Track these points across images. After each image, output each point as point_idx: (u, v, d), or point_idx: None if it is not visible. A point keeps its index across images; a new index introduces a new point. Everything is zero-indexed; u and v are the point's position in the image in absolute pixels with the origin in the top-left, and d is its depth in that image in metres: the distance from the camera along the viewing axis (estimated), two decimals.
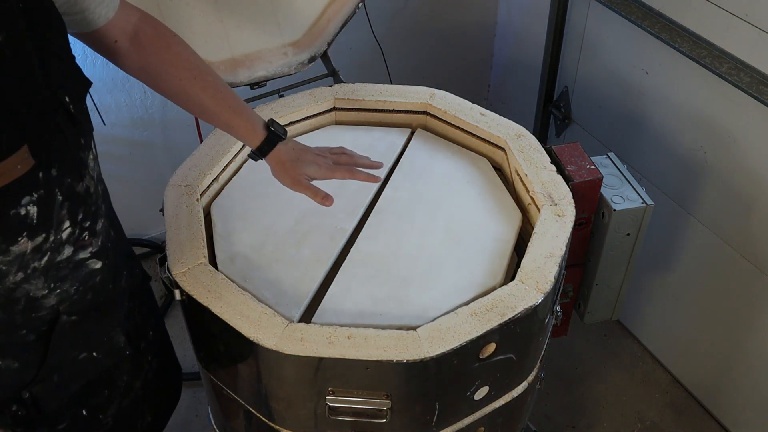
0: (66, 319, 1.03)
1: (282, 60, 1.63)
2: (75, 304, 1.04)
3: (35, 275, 0.95)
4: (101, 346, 1.13)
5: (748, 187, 1.67)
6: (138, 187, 2.28)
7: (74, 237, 0.98)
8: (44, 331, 1.02)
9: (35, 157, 0.87)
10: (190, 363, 2.17)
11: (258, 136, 1.21)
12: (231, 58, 1.58)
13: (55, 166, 0.91)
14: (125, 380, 1.21)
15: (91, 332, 1.10)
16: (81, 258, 1.02)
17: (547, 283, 1.17)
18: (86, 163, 0.99)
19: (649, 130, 1.93)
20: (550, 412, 2.05)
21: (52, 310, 1.01)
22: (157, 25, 1.14)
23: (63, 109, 0.92)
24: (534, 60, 2.31)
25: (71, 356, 1.08)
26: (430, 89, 1.56)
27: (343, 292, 1.22)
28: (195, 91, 1.15)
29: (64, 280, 1.00)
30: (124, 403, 1.21)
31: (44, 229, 0.93)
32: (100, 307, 1.10)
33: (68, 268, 1.00)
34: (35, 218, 0.90)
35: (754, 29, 1.52)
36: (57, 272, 0.98)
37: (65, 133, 0.93)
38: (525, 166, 1.38)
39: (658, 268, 2.04)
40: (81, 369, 1.11)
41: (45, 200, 0.91)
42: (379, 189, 1.43)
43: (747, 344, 1.84)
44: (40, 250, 0.93)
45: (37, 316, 1.00)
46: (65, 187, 0.94)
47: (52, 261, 0.97)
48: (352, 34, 2.15)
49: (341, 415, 1.17)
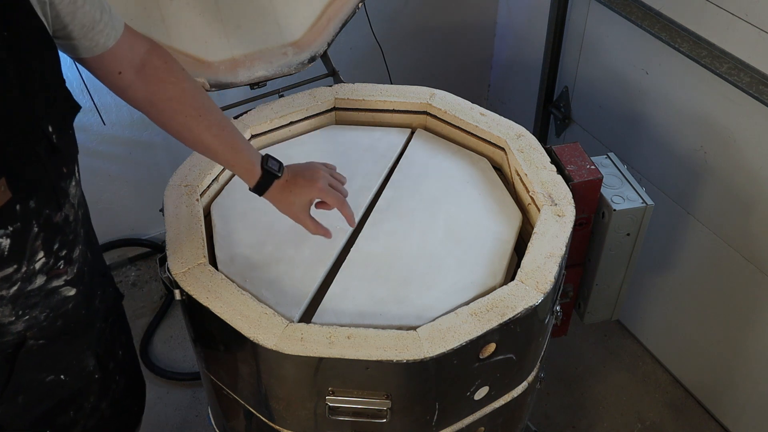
0: (33, 343, 1.01)
1: (282, 60, 1.63)
2: (44, 330, 1.02)
3: (2, 303, 0.93)
4: (70, 368, 1.11)
5: (748, 187, 1.67)
6: (138, 187, 2.28)
7: (48, 266, 0.96)
8: (9, 353, 1.00)
9: (12, 190, 0.85)
10: (190, 363, 2.17)
11: (254, 176, 1.19)
12: (231, 58, 1.58)
13: (33, 198, 0.89)
14: (92, 402, 1.19)
15: (59, 355, 1.08)
16: (54, 286, 1.00)
17: (547, 283, 1.17)
18: (67, 192, 0.96)
19: (649, 130, 1.93)
20: (550, 412, 2.05)
21: (19, 336, 0.99)
22: (167, 59, 1.11)
23: (46, 140, 0.90)
24: (534, 60, 2.31)
25: (38, 378, 1.06)
26: (430, 89, 1.56)
27: (343, 292, 1.22)
28: (200, 129, 1.13)
29: (34, 307, 0.98)
30: (89, 424, 1.20)
31: (16, 261, 0.91)
32: (71, 331, 1.08)
33: (39, 296, 0.98)
34: (6, 250, 0.88)
35: (754, 29, 1.52)
36: (26, 300, 0.96)
37: (45, 165, 0.90)
38: (525, 166, 1.38)
39: (658, 268, 2.04)
40: (47, 391, 1.09)
41: (20, 232, 0.89)
42: (379, 189, 1.43)
43: (747, 344, 1.84)
44: (9, 280, 0.92)
45: (1, 341, 0.98)
46: (43, 218, 0.91)
47: (22, 290, 0.95)
48: (352, 34, 2.15)
49: (341, 415, 1.17)
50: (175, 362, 2.18)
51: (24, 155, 0.87)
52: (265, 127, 1.50)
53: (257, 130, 1.49)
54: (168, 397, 2.08)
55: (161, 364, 2.16)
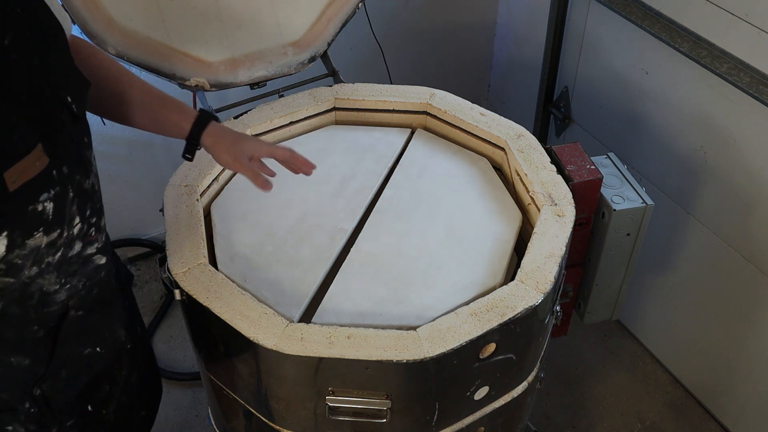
0: (74, 314, 1.05)
1: (282, 60, 1.63)
2: (82, 299, 1.06)
3: (49, 270, 0.97)
4: (104, 340, 1.15)
5: (748, 187, 1.67)
6: (138, 187, 2.28)
7: (83, 232, 1.01)
8: (52, 327, 1.03)
9: (49, 155, 0.89)
10: (190, 363, 2.17)
11: (190, 118, 1.19)
12: (231, 58, 1.58)
13: (66, 163, 0.93)
14: (124, 375, 1.23)
15: (95, 327, 1.12)
16: (89, 253, 1.04)
17: (547, 283, 1.17)
18: (90, 161, 1.01)
19: (649, 130, 1.93)
20: (550, 412, 2.05)
21: (62, 305, 1.03)
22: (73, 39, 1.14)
23: (66, 108, 0.94)
24: (534, 60, 2.31)
25: (77, 352, 1.10)
26: (430, 89, 1.56)
27: (343, 292, 1.22)
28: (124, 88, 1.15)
29: (74, 275, 1.02)
30: (122, 398, 1.23)
31: (59, 225, 0.95)
32: (104, 301, 1.12)
33: (78, 263, 1.02)
34: (51, 214, 0.92)
35: (754, 29, 1.52)
36: (68, 267, 1.01)
37: (71, 132, 0.95)
38: (525, 166, 1.38)
39: (658, 268, 2.04)
40: (87, 364, 1.13)
41: (60, 197, 0.93)
42: (379, 189, 1.43)
43: (747, 344, 1.84)
44: (54, 245, 0.96)
45: (48, 311, 1.01)
46: (75, 184, 0.96)
47: (65, 256, 0.99)
48: (352, 34, 2.15)
49: (341, 415, 1.17)
50: (175, 362, 2.18)
51: (52, 122, 0.91)
52: (265, 127, 1.50)
53: (257, 130, 1.49)
54: (168, 397, 2.08)
55: (161, 364, 2.16)
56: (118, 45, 1.45)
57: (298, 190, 1.41)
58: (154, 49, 1.49)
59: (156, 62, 1.50)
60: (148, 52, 1.49)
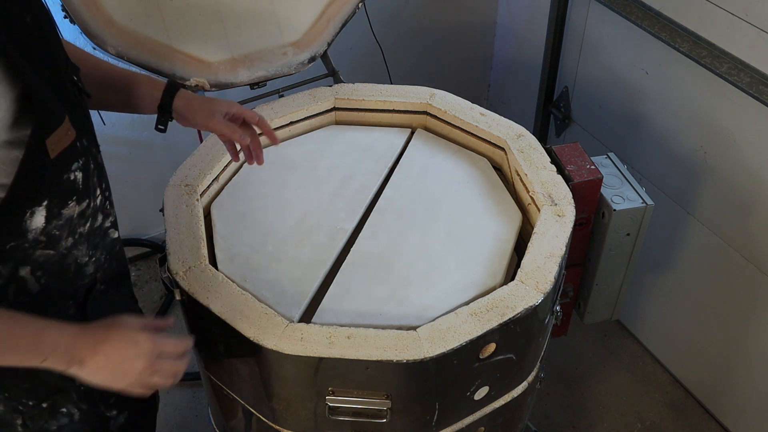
0: (98, 287, 1.08)
1: (282, 60, 1.63)
2: (105, 272, 1.09)
3: (81, 241, 1.00)
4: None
5: (748, 187, 1.67)
6: (138, 187, 2.28)
7: (102, 204, 1.04)
8: (81, 302, 1.06)
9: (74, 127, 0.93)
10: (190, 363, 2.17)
11: (160, 86, 1.21)
12: (231, 58, 1.58)
13: (84, 136, 0.97)
14: None
15: (114, 302, 1.14)
16: (106, 226, 1.07)
17: (547, 283, 1.17)
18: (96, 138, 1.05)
19: (649, 130, 1.92)
20: (550, 412, 2.05)
21: (91, 278, 1.06)
22: None
23: (75, 85, 0.98)
24: (534, 60, 2.31)
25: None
26: (430, 89, 1.56)
27: (343, 292, 1.22)
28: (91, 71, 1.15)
29: (97, 247, 1.05)
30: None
31: (86, 195, 0.98)
32: (121, 275, 1.16)
33: (100, 235, 1.05)
34: (80, 183, 0.96)
35: (754, 29, 1.52)
36: (93, 239, 1.04)
37: (83, 108, 1.00)
38: (525, 166, 1.38)
39: (658, 268, 2.04)
40: None
41: (85, 167, 0.97)
42: (379, 189, 1.43)
43: (747, 344, 1.84)
44: (84, 216, 0.99)
45: (81, 284, 1.04)
46: (93, 156, 1.00)
47: (92, 227, 1.02)
48: (352, 34, 2.15)
49: (341, 415, 1.17)
50: None
51: (70, 98, 0.95)
52: None
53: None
54: (168, 397, 2.08)
55: None
56: (117, 45, 1.45)
57: (298, 191, 1.41)
58: (154, 49, 1.49)
59: (156, 62, 1.50)
60: (148, 52, 1.49)
